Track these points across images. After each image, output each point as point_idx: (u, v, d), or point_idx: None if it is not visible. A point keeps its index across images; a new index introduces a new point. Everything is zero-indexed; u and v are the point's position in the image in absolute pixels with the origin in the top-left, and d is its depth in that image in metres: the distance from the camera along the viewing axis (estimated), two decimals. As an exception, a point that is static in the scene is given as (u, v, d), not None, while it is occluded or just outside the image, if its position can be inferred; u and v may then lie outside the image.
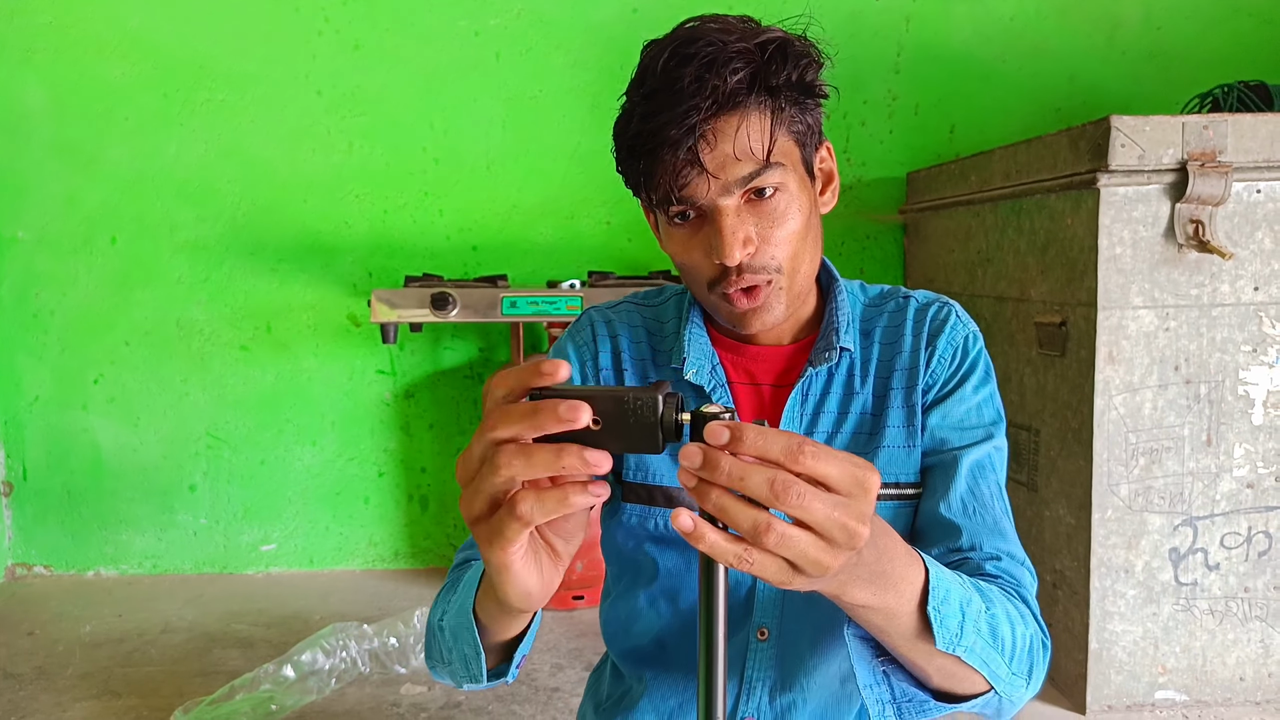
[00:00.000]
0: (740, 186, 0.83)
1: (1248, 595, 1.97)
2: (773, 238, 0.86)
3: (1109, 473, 1.92)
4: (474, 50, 2.84)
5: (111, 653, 2.34)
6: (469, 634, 0.78)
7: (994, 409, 0.95)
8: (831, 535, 0.55)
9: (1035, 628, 0.83)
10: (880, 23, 2.87)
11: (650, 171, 0.85)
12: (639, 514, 0.98)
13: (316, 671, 2.09)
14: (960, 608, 0.71)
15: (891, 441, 0.93)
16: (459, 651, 0.81)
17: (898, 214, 2.91)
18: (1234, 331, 1.90)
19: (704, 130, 0.81)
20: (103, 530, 2.94)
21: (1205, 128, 1.81)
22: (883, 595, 0.66)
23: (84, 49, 2.79)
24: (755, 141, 0.83)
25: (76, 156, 2.83)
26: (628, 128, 0.85)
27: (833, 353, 0.94)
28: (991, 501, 0.91)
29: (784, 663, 0.94)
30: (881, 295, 1.02)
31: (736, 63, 0.81)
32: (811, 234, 0.90)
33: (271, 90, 2.83)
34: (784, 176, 0.85)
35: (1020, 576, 0.87)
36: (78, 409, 2.91)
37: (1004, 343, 2.26)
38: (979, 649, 0.73)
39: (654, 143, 0.82)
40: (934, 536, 0.90)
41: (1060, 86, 2.90)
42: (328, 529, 2.97)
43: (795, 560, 0.55)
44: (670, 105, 0.81)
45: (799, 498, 0.52)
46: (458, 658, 0.81)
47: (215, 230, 2.87)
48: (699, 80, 0.80)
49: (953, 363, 0.95)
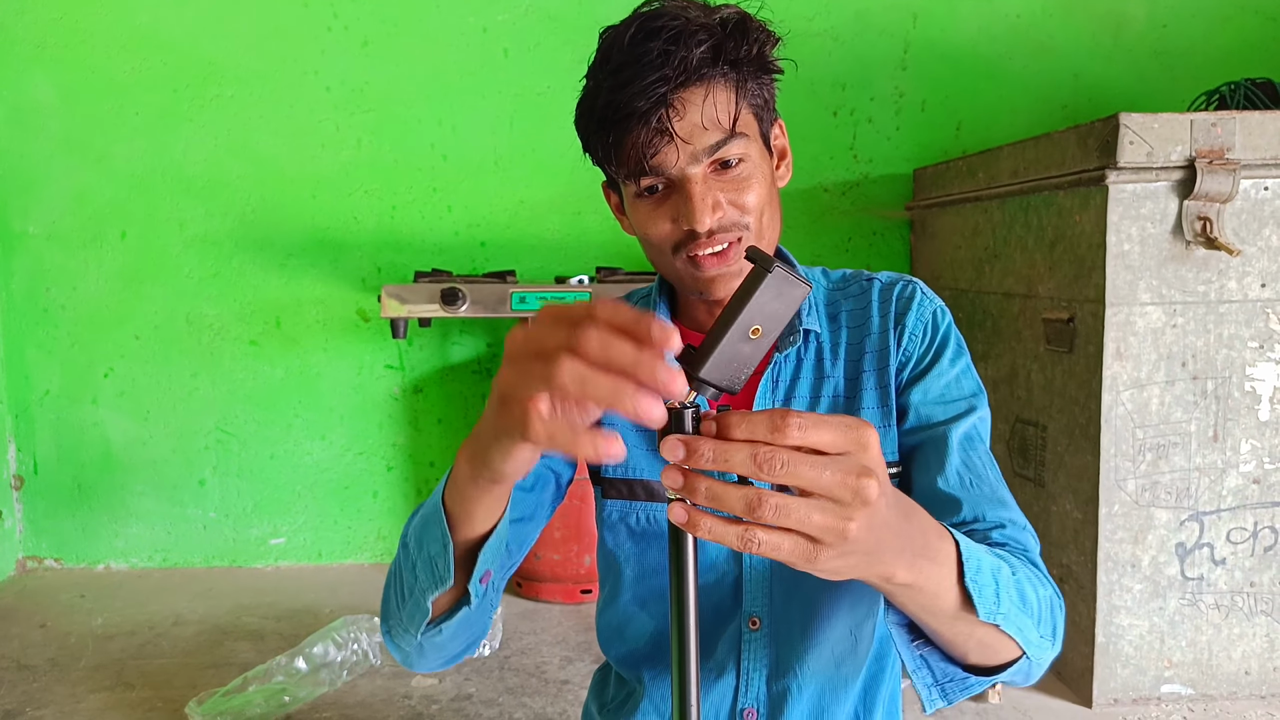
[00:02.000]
0: (707, 155, 0.86)
1: (1253, 590, 1.98)
2: (740, 201, 0.88)
3: (1116, 468, 1.93)
4: (482, 47, 2.85)
5: (124, 645, 2.36)
6: (437, 527, 0.74)
7: (973, 380, 0.96)
8: (834, 494, 0.53)
9: (1050, 588, 0.84)
10: (887, 20, 2.87)
11: (620, 143, 0.86)
12: (620, 509, 0.99)
13: (328, 663, 2.10)
14: (993, 576, 0.71)
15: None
16: (424, 557, 0.76)
17: (905, 210, 2.93)
18: (1241, 328, 1.91)
19: (672, 100, 0.83)
20: (113, 524, 2.96)
21: (1213, 125, 1.82)
22: (926, 571, 0.65)
23: (94, 45, 2.81)
24: (722, 111, 0.85)
25: (86, 152, 2.84)
26: (595, 102, 0.87)
27: (798, 335, 0.95)
28: (985, 471, 0.91)
29: (778, 650, 0.95)
30: (844, 279, 1.03)
31: (700, 35, 0.84)
32: (773, 204, 0.92)
33: (280, 86, 2.84)
34: (747, 147, 0.88)
35: (1026, 541, 0.88)
36: (88, 403, 2.92)
37: (1011, 339, 2.27)
38: (1014, 616, 0.73)
39: (623, 114, 0.84)
40: (936, 512, 0.90)
41: (1066, 84, 2.91)
42: (336, 523, 2.98)
43: (805, 529, 0.53)
44: (638, 77, 0.83)
45: (784, 465, 0.51)
46: (423, 566, 0.77)
47: (224, 226, 2.88)
48: (665, 54, 0.83)
49: (924, 339, 0.95)
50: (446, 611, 0.80)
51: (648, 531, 0.97)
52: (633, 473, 0.98)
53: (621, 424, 0.98)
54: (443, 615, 0.80)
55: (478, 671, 2.19)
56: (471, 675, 2.17)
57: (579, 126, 0.92)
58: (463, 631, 0.83)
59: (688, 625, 0.60)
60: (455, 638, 0.83)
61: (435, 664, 0.87)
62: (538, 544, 2.55)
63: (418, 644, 0.83)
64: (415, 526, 0.79)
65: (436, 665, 0.88)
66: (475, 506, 0.72)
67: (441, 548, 0.74)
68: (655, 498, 0.97)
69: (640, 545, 0.98)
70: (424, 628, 0.80)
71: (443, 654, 0.86)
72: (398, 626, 0.84)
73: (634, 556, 0.99)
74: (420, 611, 0.79)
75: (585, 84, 0.90)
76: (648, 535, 0.98)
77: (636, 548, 0.99)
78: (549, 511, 0.99)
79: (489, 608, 0.85)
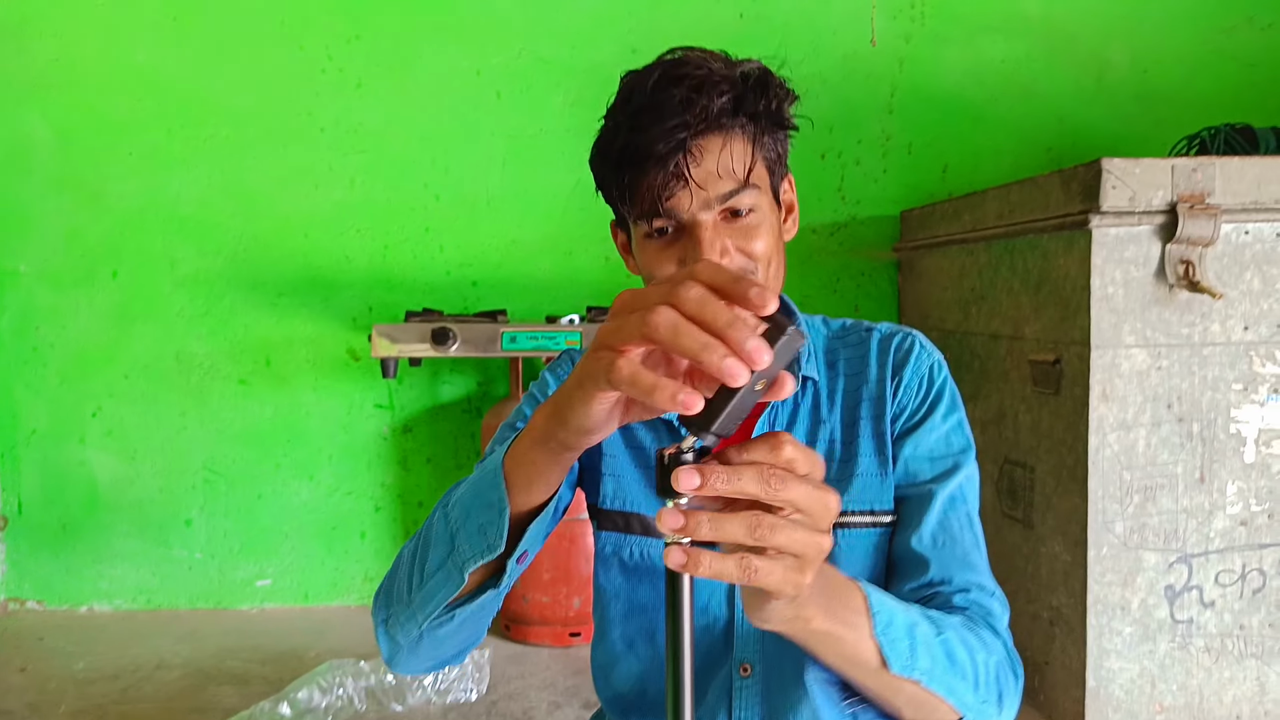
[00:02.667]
0: (720, 203, 0.88)
1: (1243, 633, 1.98)
2: (748, 248, 0.89)
3: (1104, 510, 1.93)
4: (475, 89, 2.88)
5: (105, 689, 2.32)
6: (494, 491, 0.71)
7: (963, 436, 0.97)
8: (812, 509, 0.57)
9: (1003, 654, 0.85)
10: (874, 64, 2.92)
11: (635, 184, 0.88)
12: (614, 542, 0.98)
13: (313, 709, 2.08)
14: (907, 631, 0.74)
15: (864, 470, 0.95)
16: (473, 524, 0.74)
17: (892, 251, 2.95)
18: (1225, 370, 1.93)
19: (690, 146, 0.85)
20: (97, 564, 2.93)
21: (1194, 170, 1.85)
22: (843, 617, 0.68)
23: (89, 85, 2.83)
24: (737, 161, 0.87)
25: (79, 191, 2.85)
26: (614, 141, 0.89)
27: (795, 382, 0.95)
28: (961, 534, 0.93)
29: (770, 698, 0.94)
30: (844, 328, 1.04)
31: (723, 86, 0.86)
32: (779, 256, 0.94)
33: (274, 127, 2.86)
34: (758, 198, 0.90)
35: (990, 606, 0.89)
36: (75, 442, 2.91)
37: (999, 380, 2.28)
38: (939, 674, 0.75)
39: (641, 156, 0.85)
40: (905, 570, 0.92)
41: (1050, 127, 2.95)
42: (324, 564, 2.96)
43: (796, 548, 0.56)
44: (659, 121, 0.85)
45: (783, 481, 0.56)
46: (468, 534, 0.74)
47: (216, 265, 2.89)
48: (687, 101, 0.85)
49: (919, 392, 0.97)
50: (469, 594, 0.77)
51: (640, 566, 0.97)
52: (629, 505, 0.98)
53: (621, 460, 0.99)
54: (464, 598, 0.77)
55: (464, 716, 2.16)
56: (458, 720, 2.14)
57: (594, 165, 0.93)
58: (470, 623, 0.80)
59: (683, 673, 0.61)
60: (462, 629, 0.80)
61: (427, 662, 0.85)
62: (526, 586, 2.53)
63: (418, 634, 0.80)
64: (463, 494, 0.76)
65: (427, 664, 0.86)
66: (536, 471, 0.70)
67: (497, 513, 0.72)
68: (650, 532, 0.97)
69: (631, 580, 0.98)
70: (439, 612, 0.77)
71: (439, 650, 0.83)
72: (403, 612, 0.80)
73: (624, 592, 0.98)
74: (449, 587, 0.76)
75: (604, 124, 0.92)
76: (640, 570, 0.97)
77: (627, 583, 0.98)
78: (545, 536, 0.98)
79: (498, 604, 0.82)
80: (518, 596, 2.56)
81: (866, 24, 2.92)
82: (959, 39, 2.93)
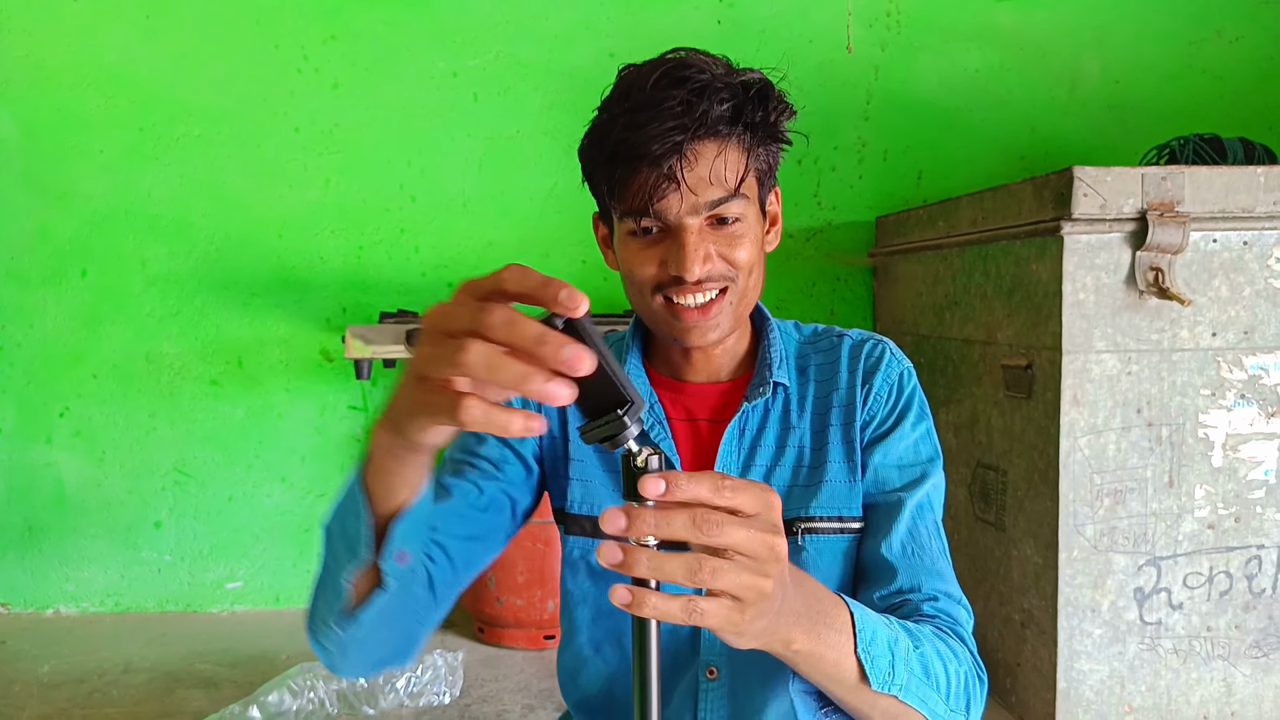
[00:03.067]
0: (708, 209, 0.88)
1: (1210, 634, 2.01)
2: (730, 256, 0.90)
3: (1075, 513, 1.95)
4: (452, 91, 2.87)
5: (71, 694, 2.29)
6: (354, 501, 0.72)
7: (931, 445, 0.98)
8: (755, 552, 0.57)
9: (970, 664, 0.86)
10: (850, 72, 2.94)
11: (626, 182, 0.87)
12: (581, 547, 0.98)
13: (283, 713, 2.05)
14: (889, 647, 0.75)
15: (833, 476, 0.95)
16: (343, 535, 0.75)
17: (867, 257, 2.97)
18: (1193, 376, 1.95)
19: (686, 150, 0.85)
20: (64, 567, 2.88)
21: (1164, 179, 1.88)
22: (825, 638, 0.69)
23: (60, 83, 2.79)
24: (730, 170, 0.88)
25: (48, 190, 2.81)
26: (608, 135, 0.88)
27: (766, 387, 0.96)
28: (929, 542, 0.93)
29: (736, 701, 0.94)
30: (816, 334, 1.05)
31: (724, 93, 0.86)
32: (759, 266, 0.94)
33: (249, 126, 2.84)
34: (745, 209, 0.90)
35: (957, 615, 0.90)
36: (42, 443, 2.86)
37: (971, 384, 2.30)
38: (914, 687, 0.76)
39: (635, 154, 0.85)
40: (874, 577, 0.93)
41: (1023, 136, 2.99)
42: (295, 566, 2.93)
43: (736, 591, 0.56)
44: (656, 120, 0.84)
45: (719, 528, 0.55)
46: (341, 544, 0.75)
47: (188, 264, 2.86)
48: (687, 104, 0.84)
49: (889, 400, 0.97)
50: (365, 600, 0.77)
51: (608, 571, 0.96)
52: (598, 510, 0.97)
53: (589, 464, 0.99)
54: (361, 605, 0.77)
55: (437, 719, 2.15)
56: (431, 723, 2.12)
57: (585, 156, 0.93)
58: (384, 626, 0.79)
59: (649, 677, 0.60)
60: (375, 632, 0.79)
61: (360, 665, 0.84)
62: (501, 589, 2.52)
63: (339, 639, 0.80)
64: (334, 509, 0.77)
65: (362, 668, 0.85)
66: (393, 478, 0.70)
67: (356, 520, 0.72)
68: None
69: (599, 585, 0.98)
70: (340, 618, 0.77)
71: (365, 653, 0.83)
72: (319, 621, 0.81)
73: (591, 596, 0.98)
74: (336, 595, 0.76)
75: (597, 115, 0.91)
76: (607, 575, 0.96)
77: (595, 587, 0.98)
78: (503, 538, 0.98)
79: (415, 603, 0.82)
80: (492, 599, 2.54)
81: (843, 32, 2.94)
82: (934, 48, 2.96)
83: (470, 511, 0.93)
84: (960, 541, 2.35)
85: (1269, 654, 2.02)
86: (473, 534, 0.92)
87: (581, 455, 0.99)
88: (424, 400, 0.57)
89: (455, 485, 0.94)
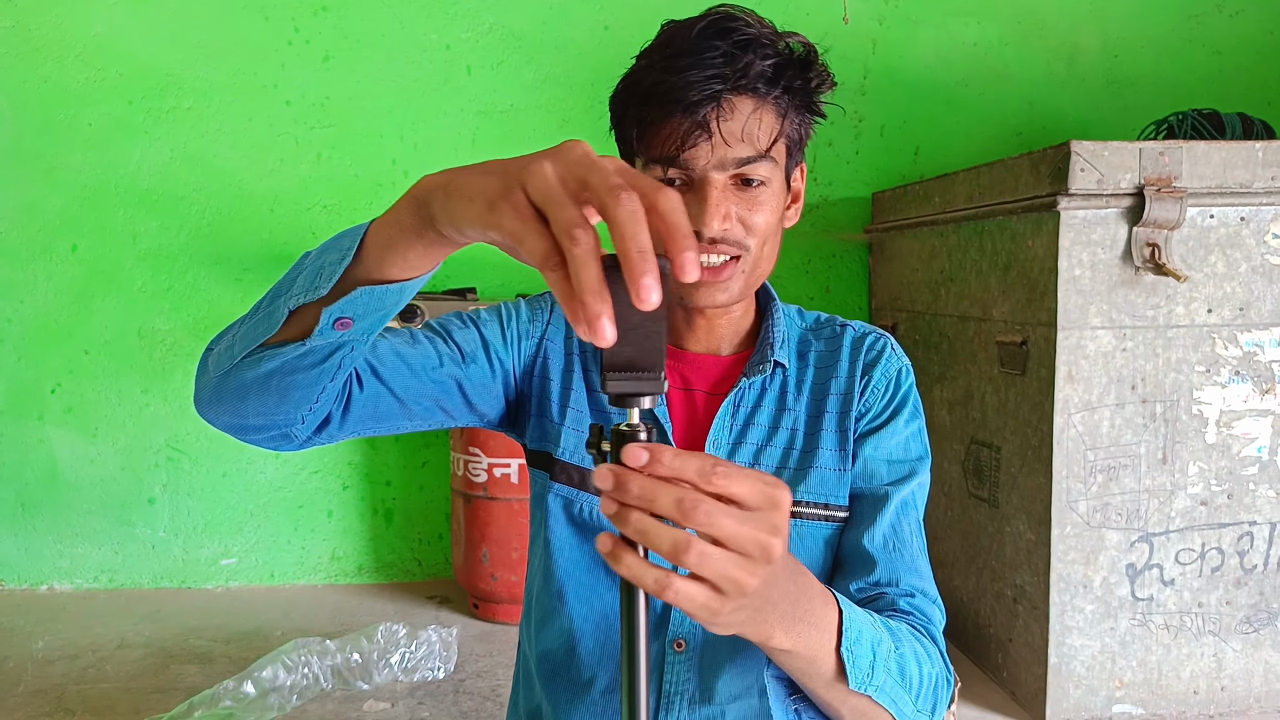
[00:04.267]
0: (735, 166, 0.86)
1: (1201, 610, 2.02)
2: (749, 220, 0.88)
3: (1068, 489, 1.96)
4: (445, 64, 2.84)
5: (65, 669, 2.29)
6: (346, 242, 0.68)
7: (921, 444, 0.97)
8: (745, 549, 0.54)
9: (941, 665, 0.86)
10: (847, 46, 2.91)
11: (657, 127, 0.86)
12: (566, 496, 0.96)
13: (278, 688, 2.06)
14: (872, 648, 0.74)
15: (823, 463, 0.94)
16: (313, 266, 0.70)
17: (863, 233, 2.96)
18: (1188, 352, 1.95)
19: (723, 101, 0.83)
20: (58, 543, 2.88)
21: (1161, 154, 1.86)
22: (805, 636, 0.67)
23: (47, 55, 2.76)
24: (764, 130, 0.86)
25: (37, 164, 2.78)
26: (644, 79, 0.86)
27: (767, 365, 0.95)
28: (911, 539, 0.93)
29: (703, 675, 0.93)
30: (819, 321, 1.03)
31: (768, 50, 0.84)
32: (775, 237, 0.92)
33: (239, 99, 2.81)
34: (772, 173, 0.88)
35: (931, 614, 0.90)
36: (34, 419, 2.85)
37: (966, 361, 2.30)
38: (889, 688, 0.76)
39: (672, 98, 0.83)
40: (853, 567, 0.92)
41: (1021, 111, 2.96)
42: (290, 542, 2.93)
43: (716, 580, 0.54)
44: (697, 67, 0.82)
45: (707, 515, 0.52)
46: (306, 275, 0.70)
47: (179, 239, 2.83)
48: (730, 56, 0.83)
49: (886, 394, 0.96)
50: (279, 346, 0.73)
51: (588, 525, 0.95)
52: (589, 462, 0.95)
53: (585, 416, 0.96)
54: (273, 345, 0.73)
55: (431, 695, 2.15)
56: (425, 699, 2.13)
57: (616, 101, 0.91)
58: (275, 384, 0.74)
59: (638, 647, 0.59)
60: (265, 386, 0.74)
61: (225, 413, 0.78)
62: (494, 565, 2.52)
63: (228, 368, 0.74)
64: (323, 244, 0.72)
65: (226, 416, 0.79)
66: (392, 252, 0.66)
67: (338, 259, 0.68)
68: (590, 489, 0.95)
69: (578, 537, 0.96)
70: (248, 347, 0.72)
71: (241, 405, 0.76)
72: (223, 342, 0.76)
73: (568, 547, 0.96)
74: (268, 323, 0.71)
75: (635, 64, 0.89)
76: (587, 529, 0.95)
77: (573, 539, 0.96)
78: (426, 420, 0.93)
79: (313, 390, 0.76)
80: (486, 575, 2.55)
81: (839, 4, 2.91)
82: (932, 22, 2.93)
83: (420, 371, 0.89)
84: (954, 517, 2.36)
85: (1259, 629, 2.03)
86: (406, 391, 0.88)
87: (580, 406, 0.97)
88: (500, 208, 0.54)
89: (421, 342, 0.91)
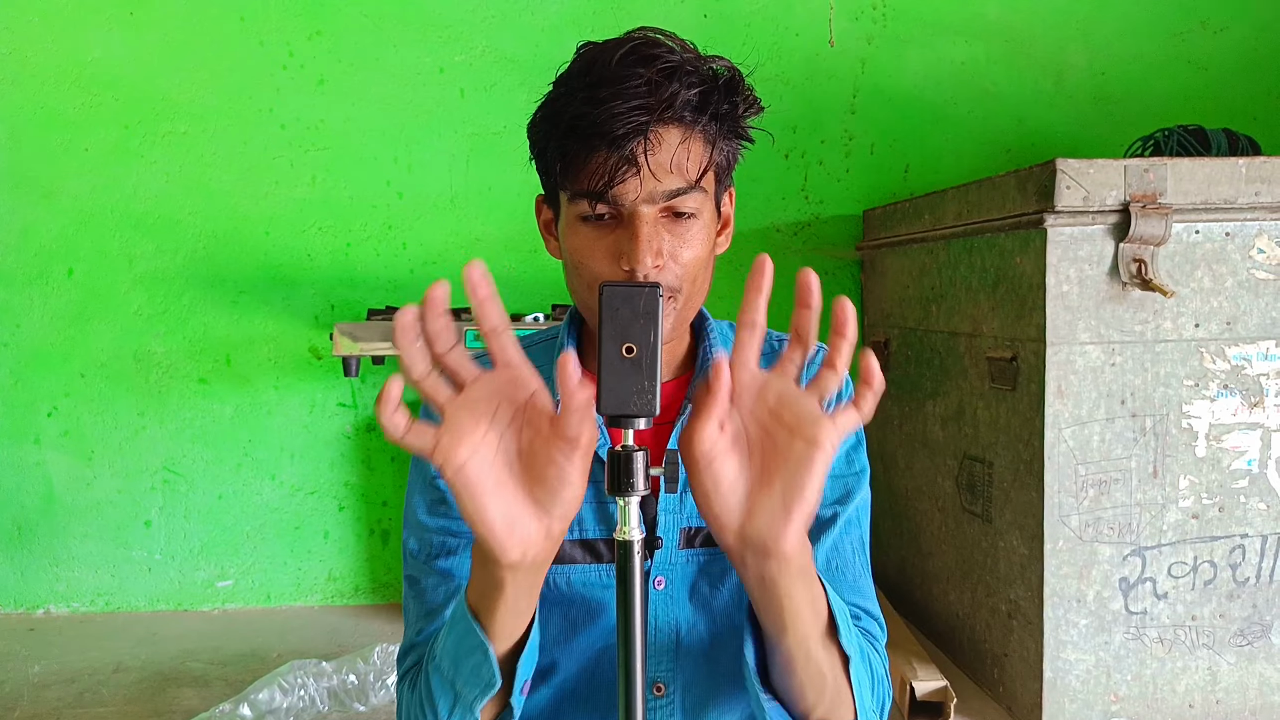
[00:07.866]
0: (664, 199, 0.82)
1: (1195, 623, 2.02)
2: (680, 257, 0.85)
3: (1060, 504, 1.96)
4: (439, 86, 2.87)
5: (61, 693, 2.29)
6: (472, 636, 0.71)
7: (861, 459, 0.96)
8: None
9: (885, 679, 0.86)
10: (836, 65, 2.94)
11: (582, 162, 0.82)
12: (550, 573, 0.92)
13: (274, 710, 2.06)
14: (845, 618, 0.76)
15: None
16: (464, 670, 0.73)
17: (855, 250, 2.98)
18: (1177, 367, 1.97)
19: (650, 133, 0.80)
20: (54, 567, 2.88)
21: (1146, 171, 1.88)
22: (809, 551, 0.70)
23: (43, 81, 2.78)
24: (693, 160, 0.83)
25: (33, 188, 2.80)
26: (565, 110, 0.82)
27: None
28: (853, 558, 0.92)
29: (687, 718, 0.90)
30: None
31: (693, 78, 0.81)
32: (707, 269, 0.89)
33: (234, 123, 2.83)
34: (702, 204, 0.85)
35: (875, 632, 0.90)
36: (30, 442, 2.85)
37: (958, 377, 2.31)
38: (859, 666, 0.77)
39: (595, 132, 0.79)
40: None
41: (1010, 129, 2.99)
42: (286, 564, 2.93)
43: None
44: (620, 99, 0.79)
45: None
46: (465, 675, 0.73)
47: (175, 262, 2.85)
48: (654, 85, 0.79)
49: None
50: None
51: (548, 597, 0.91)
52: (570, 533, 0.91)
53: None
54: None
55: (428, 715, 2.15)
56: None
57: (535, 132, 0.88)
58: None
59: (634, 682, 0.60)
60: None
61: None
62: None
63: None
64: (447, 645, 0.75)
65: None
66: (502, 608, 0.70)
67: (482, 655, 0.71)
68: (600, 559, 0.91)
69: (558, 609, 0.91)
70: None
71: None
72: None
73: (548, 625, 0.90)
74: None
75: (552, 91, 0.86)
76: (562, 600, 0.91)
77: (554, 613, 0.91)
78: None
79: None
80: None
81: (827, 26, 2.94)
82: (920, 41, 2.96)
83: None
84: (948, 533, 2.36)
85: (1253, 642, 2.04)
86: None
87: None
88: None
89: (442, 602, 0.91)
